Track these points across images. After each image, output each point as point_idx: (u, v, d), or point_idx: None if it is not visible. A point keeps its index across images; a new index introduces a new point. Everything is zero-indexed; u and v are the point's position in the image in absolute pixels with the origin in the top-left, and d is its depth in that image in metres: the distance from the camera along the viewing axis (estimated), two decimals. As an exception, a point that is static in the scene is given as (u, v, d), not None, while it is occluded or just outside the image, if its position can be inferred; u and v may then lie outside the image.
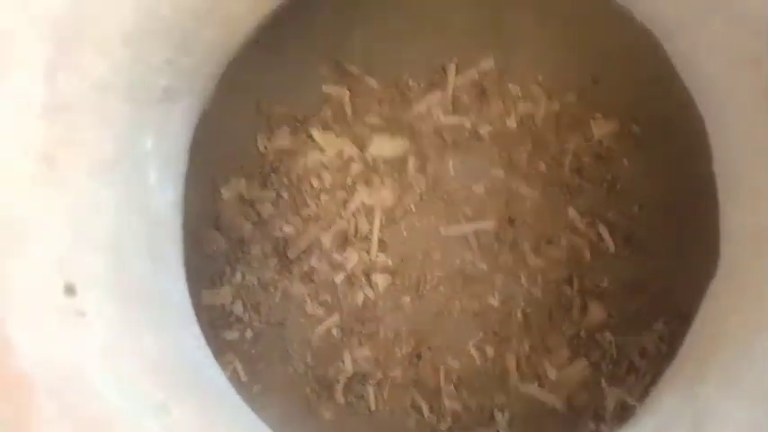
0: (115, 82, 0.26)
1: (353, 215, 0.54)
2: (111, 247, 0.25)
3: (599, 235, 0.51)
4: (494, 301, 0.52)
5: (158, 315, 0.26)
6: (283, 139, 0.54)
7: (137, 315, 0.25)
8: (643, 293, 0.49)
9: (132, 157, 0.26)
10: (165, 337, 0.25)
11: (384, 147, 0.54)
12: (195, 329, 0.30)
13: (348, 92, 0.55)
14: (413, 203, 0.54)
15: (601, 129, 0.52)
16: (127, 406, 0.22)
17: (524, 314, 0.52)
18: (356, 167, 0.54)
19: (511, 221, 0.53)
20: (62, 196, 0.24)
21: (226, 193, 0.53)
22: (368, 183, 0.54)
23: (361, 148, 0.54)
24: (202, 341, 0.30)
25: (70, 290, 0.22)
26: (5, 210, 0.23)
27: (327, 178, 0.54)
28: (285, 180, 0.54)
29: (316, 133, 0.54)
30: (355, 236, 0.54)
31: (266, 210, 0.53)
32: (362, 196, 0.54)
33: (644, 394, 0.42)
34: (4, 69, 0.23)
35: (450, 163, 0.55)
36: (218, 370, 0.30)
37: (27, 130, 0.24)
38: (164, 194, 0.28)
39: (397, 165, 0.54)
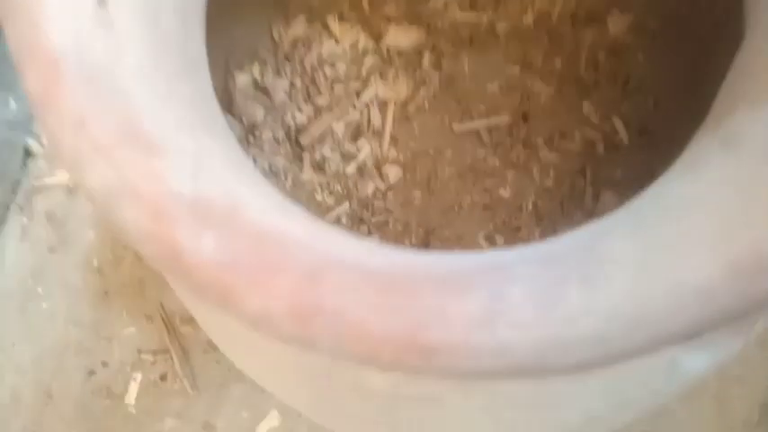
0: None
1: (367, 106, 0.54)
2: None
3: (613, 128, 0.51)
4: (505, 194, 0.52)
5: (187, 68, 0.25)
6: (299, 28, 0.54)
7: (165, 57, 0.24)
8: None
9: None
10: (192, 84, 0.25)
11: (400, 38, 0.54)
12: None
13: (365, -14, 0.55)
14: (426, 100, 0.54)
15: (617, 25, 0.52)
16: (154, 107, 0.21)
17: (535, 205, 0.51)
18: (371, 60, 0.54)
19: (525, 117, 0.53)
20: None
21: (240, 79, 0.53)
22: (382, 75, 0.54)
23: (377, 39, 0.54)
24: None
25: (103, 4, 0.22)
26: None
27: (342, 68, 0.54)
28: (299, 68, 0.54)
29: (331, 23, 0.54)
30: (368, 128, 0.54)
31: (279, 97, 0.53)
32: (376, 88, 0.54)
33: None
34: None
35: (466, 60, 0.55)
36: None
37: None
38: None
39: (412, 59, 0.54)
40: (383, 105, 0.54)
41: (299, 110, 0.53)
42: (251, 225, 0.20)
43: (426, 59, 0.54)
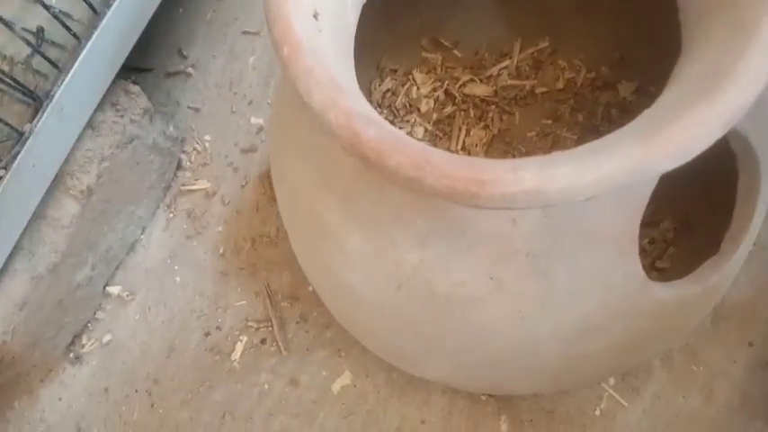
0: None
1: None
2: None
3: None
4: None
5: (349, 53, 0.45)
6: (389, 84, 0.74)
7: (341, 44, 0.43)
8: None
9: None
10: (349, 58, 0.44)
11: (475, 89, 0.73)
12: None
13: (441, 57, 0.75)
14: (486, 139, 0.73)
15: (625, 90, 0.70)
16: (340, 68, 0.40)
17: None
18: (450, 107, 0.73)
19: (554, 155, 0.71)
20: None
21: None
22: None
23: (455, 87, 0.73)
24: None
25: (316, 16, 0.42)
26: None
27: (424, 108, 0.73)
28: (386, 112, 0.73)
29: (416, 74, 0.74)
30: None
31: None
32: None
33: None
34: None
35: (517, 114, 0.73)
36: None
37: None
38: None
39: (482, 107, 0.73)
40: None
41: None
42: (390, 128, 0.38)
43: (492, 112, 0.73)
